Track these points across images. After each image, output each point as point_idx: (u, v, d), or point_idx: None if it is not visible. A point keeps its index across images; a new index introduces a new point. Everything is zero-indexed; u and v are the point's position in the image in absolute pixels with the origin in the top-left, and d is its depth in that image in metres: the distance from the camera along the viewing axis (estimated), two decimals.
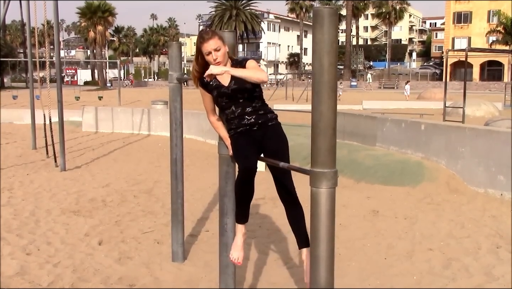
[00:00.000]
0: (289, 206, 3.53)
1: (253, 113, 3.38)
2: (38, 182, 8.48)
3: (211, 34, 3.30)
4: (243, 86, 3.32)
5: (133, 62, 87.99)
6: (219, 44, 3.27)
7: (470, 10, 64.64)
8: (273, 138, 3.41)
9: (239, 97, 3.35)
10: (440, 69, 71.25)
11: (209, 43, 3.25)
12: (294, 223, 3.53)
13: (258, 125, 3.38)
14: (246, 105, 3.37)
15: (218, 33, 3.34)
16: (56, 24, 9.58)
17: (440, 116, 17.90)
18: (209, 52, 3.26)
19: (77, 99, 27.82)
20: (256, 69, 3.29)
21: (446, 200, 7.15)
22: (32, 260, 4.87)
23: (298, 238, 3.54)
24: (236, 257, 3.45)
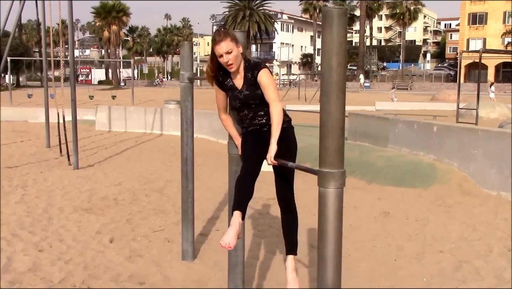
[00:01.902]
0: (285, 211, 3.54)
1: (264, 116, 3.37)
2: (52, 180, 8.56)
3: (222, 36, 3.24)
4: (254, 93, 3.32)
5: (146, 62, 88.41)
6: (231, 47, 3.23)
7: (486, 11, 64.02)
8: (281, 142, 3.33)
9: (251, 103, 3.36)
10: (454, 70, 70.65)
11: (220, 45, 3.22)
12: (287, 229, 3.54)
13: (269, 126, 3.35)
14: (258, 109, 3.37)
15: (231, 34, 3.29)
16: (70, 23, 9.67)
17: (454, 118, 17.78)
18: (221, 54, 3.25)
19: (91, 98, 28.06)
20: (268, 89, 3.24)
21: (458, 202, 7.11)
22: (44, 256, 4.93)
23: (288, 244, 3.55)
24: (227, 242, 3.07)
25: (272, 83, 3.30)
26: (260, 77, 3.27)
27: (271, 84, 3.28)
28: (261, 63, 3.39)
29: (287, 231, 3.53)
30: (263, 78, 3.27)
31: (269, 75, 3.32)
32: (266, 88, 3.26)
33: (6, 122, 18.13)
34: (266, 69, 3.33)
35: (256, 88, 3.29)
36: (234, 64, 3.27)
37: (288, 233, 3.53)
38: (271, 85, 3.28)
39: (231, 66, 3.27)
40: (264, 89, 3.27)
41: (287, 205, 3.51)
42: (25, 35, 76.49)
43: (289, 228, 3.53)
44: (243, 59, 3.35)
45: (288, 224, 3.53)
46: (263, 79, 3.27)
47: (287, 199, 3.50)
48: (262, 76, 3.27)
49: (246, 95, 3.35)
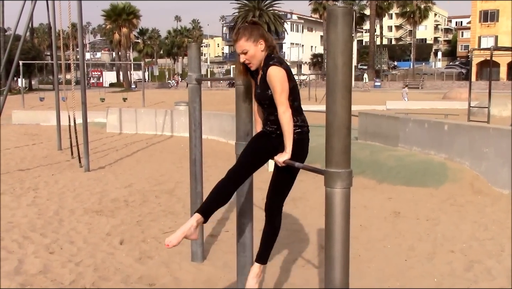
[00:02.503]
0: (268, 222, 3.41)
1: (275, 122, 3.20)
2: (63, 182, 8.62)
3: (236, 36, 3.17)
4: (264, 94, 3.17)
5: (157, 64, 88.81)
6: (245, 47, 3.13)
7: (497, 8, 63.43)
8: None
9: (263, 103, 3.25)
10: (466, 68, 70.11)
11: (235, 46, 3.18)
12: (264, 239, 3.42)
13: (276, 135, 3.23)
14: (270, 111, 3.22)
15: (246, 33, 3.16)
16: (80, 25, 9.73)
17: (465, 117, 17.64)
18: (238, 54, 3.20)
19: (102, 100, 28.24)
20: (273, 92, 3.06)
21: (470, 201, 7.04)
22: (54, 258, 4.96)
23: (260, 252, 3.43)
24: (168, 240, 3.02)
25: (278, 85, 3.05)
26: (267, 77, 3.10)
27: (276, 87, 3.05)
28: (273, 59, 3.14)
29: (264, 241, 3.41)
30: (269, 79, 3.09)
31: (276, 75, 3.05)
32: (272, 91, 3.10)
33: (19, 126, 18.32)
34: (273, 68, 3.07)
35: (267, 87, 3.13)
36: (252, 64, 3.18)
37: (264, 243, 3.41)
38: (276, 88, 3.06)
39: (249, 66, 3.20)
40: (272, 92, 3.10)
41: (271, 216, 3.38)
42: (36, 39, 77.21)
43: (265, 238, 3.41)
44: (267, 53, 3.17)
45: (267, 234, 3.41)
46: (269, 80, 3.09)
47: (273, 211, 3.38)
48: (269, 76, 3.09)
49: (258, 94, 3.25)
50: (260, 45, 3.17)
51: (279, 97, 3.06)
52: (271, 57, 3.16)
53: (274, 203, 3.36)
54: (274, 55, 3.17)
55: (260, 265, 3.41)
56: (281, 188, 3.34)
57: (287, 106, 3.07)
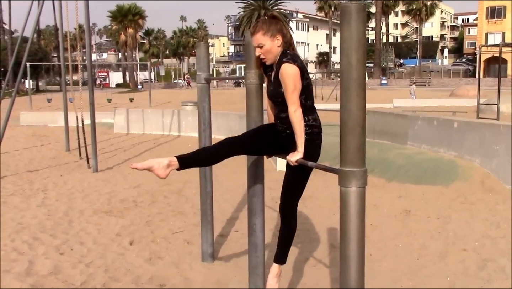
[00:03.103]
0: (283, 222, 3.41)
1: (285, 120, 3.14)
2: (71, 183, 8.63)
3: (254, 29, 3.11)
4: (277, 91, 3.11)
5: (163, 64, 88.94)
6: (261, 41, 3.08)
7: (504, 5, 63.03)
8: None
9: (275, 100, 3.20)
10: (473, 65, 69.77)
11: (252, 39, 3.13)
12: (282, 239, 3.43)
13: (286, 134, 3.19)
14: (281, 109, 3.16)
15: (264, 27, 3.10)
16: (87, 26, 9.74)
17: (474, 114, 17.52)
18: (255, 48, 3.15)
19: (109, 101, 28.29)
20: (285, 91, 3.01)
21: (481, 199, 6.98)
22: (65, 259, 4.95)
23: (278, 252, 3.44)
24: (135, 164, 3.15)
25: (289, 84, 2.98)
26: (280, 75, 3.04)
27: (288, 86, 2.99)
28: (286, 55, 3.06)
29: (281, 242, 3.42)
30: (281, 78, 3.03)
31: (288, 73, 2.99)
32: (284, 88, 3.03)
33: (27, 127, 18.38)
34: (286, 65, 3.00)
35: (279, 84, 3.07)
36: (266, 59, 3.13)
37: (282, 243, 3.42)
38: (287, 87, 2.99)
39: (264, 60, 3.14)
40: (283, 90, 3.05)
41: (286, 218, 3.38)
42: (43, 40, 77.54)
43: (282, 239, 3.42)
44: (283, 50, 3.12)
45: (284, 235, 3.42)
46: (281, 78, 3.03)
47: (287, 212, 3.36)
48: (281, 74, 3.03)
49: (271, 90, 3.19)
50: (277, 40, 3.10)
51: (290, 96, 3.00)
52: (285, 53, 3.09)
53: (288, 204, 3.34)
54: (289, 52, 3.10)
55: (279, 265, 3.42)
56: (294, 188, 3.30)
57: (298, 105, 3.01)
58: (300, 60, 3.09)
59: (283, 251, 3.41)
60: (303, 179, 3.26)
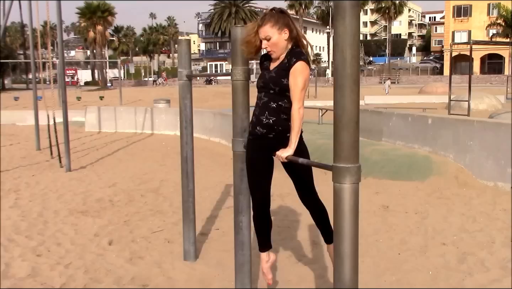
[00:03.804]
0: (313, 211, 3.48)
1: (272, 116, 3.17)
2: (44, 183, 8.43)
3: (263, 20, 3.10)
4: (279, 80, 3.12)
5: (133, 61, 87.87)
6: (269, 33, 3.09)
7: (470, 4, 64.48)
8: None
9: (271, 87, 3.16)
10: (440, 63, 71.11)
11: (260, 31, 3.11)
12: (320, 224, 3.52)
13: (275, 133, 3.19)
14: (273, 99, 3.17)
15: (274, 19, 3.10)
16: (59, 24, 9.52)
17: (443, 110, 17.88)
18: (261, 40, 3.13)
19: (79, 99, 27.78)
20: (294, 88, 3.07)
21: (456, 194, 7.10)
22: (42, 261, 4.82)
23: (323, 235, 3.58)
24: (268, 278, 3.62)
25: (301, 81, 3.06)
26: (293, 69, 3.07)
27: (299, 83, 3.06)
28: (304, 54, 3.13)
29: (321, 225, 3.51)
30: (295, 73, 3.06)
31: (303, 71, 3.07)
32: (294, 85, 3.08)
33: None
34: (302, 63, 3.08)
35: (284, 75, 3.09)
36: (274, 52, 3.14)
37: (322, 226, 3.52)
38: (299, 84, 3.06)
39: (271, 53, 3.15)
40: (291, 86, 3.09)
41: (312, 207, 3.46)
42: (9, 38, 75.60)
43: (321, 223, 3.50)
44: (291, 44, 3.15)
45: (319, 220, 3.50)
46: (294, 74, 3.07)
47: (310, 202, 3.44)
48: (295, 70, 3.06)
49: (271, 77, 3.17)
50: (284, 34, 3.14)
51: (299, 93, 3.07)
52: (301, 52, 3.15)
53: (308, 197, 3.43)
54: (304, 51, 3.16)
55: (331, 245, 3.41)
56: (306, 180, 3.37)
57: (303, 104, 3.10)
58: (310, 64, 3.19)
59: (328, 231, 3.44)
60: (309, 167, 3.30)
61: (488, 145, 7.43)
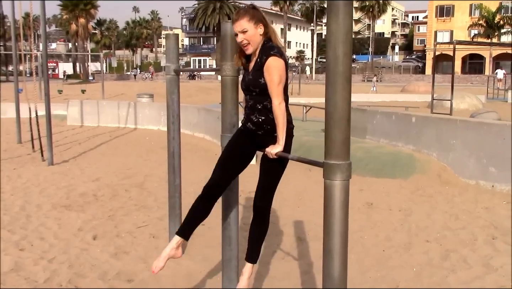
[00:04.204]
0: (257, 221, 3.37)
1: (262, 114, 3.14)
2: (26, 177, 8.32)
3: (239, 14, 3.07)
4: (257, 81, 3.09)
5: (115, 55, 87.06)
6: (245, 26, 3.05)
7: (453, 4, 65.14)
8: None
9: (252, 90, 3.15)
10: (422, 62, 71.78)
11: (235, 24, 3.07)
12: (254, 237, 3.40)
13: (264, 131, 3.17)
14: (258, 100, 3.13)
15: (251, 13, 3.08)
16: (42, 16, 9.38)
17: (425, 109, 18.05)
18: (236, 33, 3.08)
19: (60, 92, 27.44)
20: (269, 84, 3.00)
21: (439, 192, 7.19)
22: (26, 256, 4.77)
23: (250, 252, 3.43)
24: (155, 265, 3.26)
25: (276, 76, 3.00)
26: (265, 67, 3.03)
27: (274, 78, 3.00)
28: (273, 49, 3.06)
29: (253, 239, 3.39)
30: (267, 70, 3.02)
31: (275, 66, 3.00)
32: (268, 82, 3.03)
33: None
34: (274, 58, 3.01)
35: (260, 75, 3.06)
36: (249, 45, 3.08)
37: (254, 241, 3.39)
38: (273, 80, 3.00)
39: (246, 47, 3.09)
40: (267, 82, 3.04)
41: (261, 215, 3.34)
42: None
43: (256, 237, 3.39)
44: (263, 40, 3.11)
45: (256, 233, 3.38)
46: (267, 71, 3.02)
47: (262, 210, 3.33)
48: (268, 66, 3.02)
49: (249, 80, 3.14)
50: (260, 29, 3.11)
51: (276, 89, 3.01)
52: (271, 46, 3.09)
53: (264, 201, 3.29)
54: (274, 45, 3.11)
55: (252, 265, 3.40)
56: (271, 184, 3.27)
57: (283, 98, 3.04)
58: (285, 55, 3.12)
59: (256, 249, 3.39)
60: (280, 172, 3.25)
61: (470, 144, 7.54)
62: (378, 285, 4.19)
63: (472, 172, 7.48)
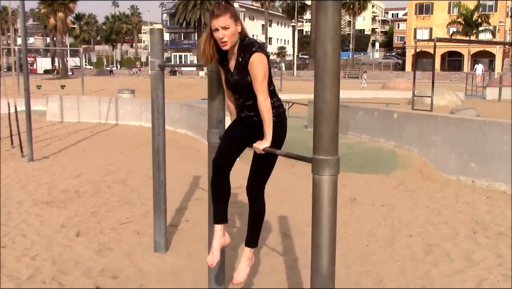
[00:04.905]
0: (252, 205, 3.37)
1: (252, 108, 3.14)
2: (5, 173, 8.20)
3: (222, 10, 3.02)
4: (243, 80, 3.09)
5: (95, 50, 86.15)
6: (228, 23, 3.01)
7: (432, 2, 65.86)
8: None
9: (240, 89, 3.16)
10: (402, 59, 72.46)
11: (218, 20, 3.01)
12: (251, 222, 3.40)
13: (255, 122, 3.18)
14: (247, 97, 3.14)
15: (231, 10, 3.06)
16: (21, 9, 9.24)
17: (405, 106, 18.22)
18: (216, 29, 3.03)
19: (39, 88, 27.05)
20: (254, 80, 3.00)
21: (420, 187, 7.28)
22: (7, 253, 4.71)
23: (248, 236, 3.43)
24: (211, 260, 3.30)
25: (261, 73, 3.01)
26: (250, 64, 3.03)
27: (259, 75, 3.00)
28: (254, 45, 3.06)
29: (251, 225, 3.41)
30: (252, 67, 3.02)
31: (260, 62, 3.01)
32: (253, 79, 3.03)
33: None
34: (257, 55, 3.01)
35: (245, 74, 3.07)
36: (228, 42, 3.04)
37: (252, 227, 3.40)
38: (258, 76, 3.00)
39: (225, 44, 3.04)
40: (252, 79, 3.04)
41: (253, 200, 3.35)
42: None
43: (253, 223, 3.40)
44: (239, 38, 3.11)
45: (253, 218, 3.39)
46: (252, 68, 3.02)
47: (254, 194, 3.33)
48: (252, 63, 3.02)
49: (235, 80, 3.14)
50: (238, 26, 3.09)
51: (260, 85, 3.01)
52: (251, 43, 3.08)
53: (255, 186, 3.31)
54: (253, 40, 3.11)
55: (251, 249, 3.40)
56: (262, 172, 3.29)
57: (267, 94, 3.04)
58: (265, 49, 3.13)
59: (254, 234, 3.39)
60: (271, 162, 3.27)
61: (451, 140, 7.64)
62: (363, 279, 4.23)
63: (453, 168, 7.58)
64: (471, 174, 7.32)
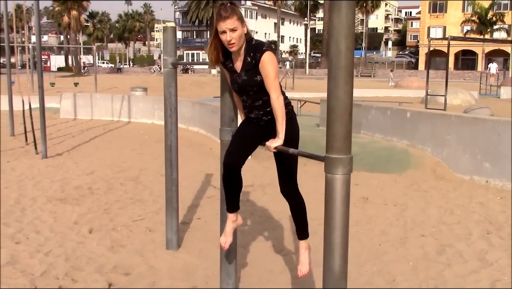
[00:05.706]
0: (290, 203, 3.46)
1: (261, 108, 3.17)
2: (20, 170, 8.28)
3: (229, 12, 3.02)
4: (252, 80, 3.10)
5: (107, 48, 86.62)
6: (236, 25, 3.01)
7: (446, 0, 65.30)
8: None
9: (249, 90, 3.16)
10: (415, 58, 71.97)
11: (226, 22, 3.00)
12: (294, 217, 3.50)
13: (266, 121, 3.20)
14: (256, 98, 3.16)
15: (238, 12, 3.06)
16: (36, 7, 9.32)
17: (418, 105, 18.11)
18: (224, 31, 3.03)
19: (52, 85, 27.26)
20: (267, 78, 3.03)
21: (433, 187, 7.23)
22: (21, 249, 4.75)
23: (299, 230, 3.52)
24: (223, 241, 3.45)
25: (273, 71, 3.03)
26: (261, 63, 3.03)
27: (271, 73, 3.02)
28: (264, 45, 3.09)
29: (297, 221, 3.50)
30: (265, 65, 3.03)
31: (272, 61, 3.03)
32: (266, 77, 3.04)
33: None
34: (268, 53, 3.03)
35: (255, 73, 3.07)
36: (236, 44, 3.04)
37: (298, 222, 3.49)
38: (271, 74, 3.02)
39: (232, 45, 3.04)
40: (264, 78, 3.05)
41: (291, 200, 3.44)
42: None
43: (298, 218, 3.48)
44: (245, 40, 3.11)
45: (297, 215, 3.48)
46: (264, 66, 3.03)
47: (291, 194, 3.42)
48: (264, 62, 3.03)
49: (244, 80, 3.14)
50: (244, 28, 3.10)
51: (273, 83, 3.03)
52: (260, 43, 3.11)
53: (289, 187, 3.40)
54: (260, 41, 3.14)
55: (305, 240, 3.48)
56: (289, 170, 3.36)
57: (280, 92, 3.07)
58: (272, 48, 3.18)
59: (302, 227, 3.46)
60: (294, 157, 3.28)
61: (465, 139, 7.58)
62: (375, 278, 4.21)
63: (467, 167, 7.52)
64: (485, 174, 7.25)
